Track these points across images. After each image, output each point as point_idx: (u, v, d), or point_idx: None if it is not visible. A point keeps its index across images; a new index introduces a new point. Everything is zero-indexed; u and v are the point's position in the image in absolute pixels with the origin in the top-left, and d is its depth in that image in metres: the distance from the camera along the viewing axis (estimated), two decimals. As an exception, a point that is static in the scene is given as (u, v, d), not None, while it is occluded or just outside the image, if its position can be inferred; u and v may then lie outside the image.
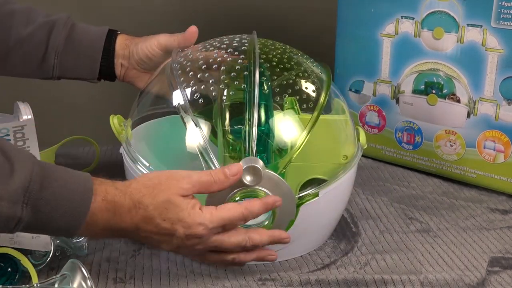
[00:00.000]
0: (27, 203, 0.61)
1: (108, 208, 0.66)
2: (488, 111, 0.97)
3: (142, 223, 0.66)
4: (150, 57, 0.94)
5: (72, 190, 0.64)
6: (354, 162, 0.82)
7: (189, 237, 0.67)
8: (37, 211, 0.62)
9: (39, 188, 0.61)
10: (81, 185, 0.65)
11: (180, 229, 0.67)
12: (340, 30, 1.09)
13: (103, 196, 0.66)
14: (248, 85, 0.75)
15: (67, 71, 0.95)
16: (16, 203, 0.60)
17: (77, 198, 0.64)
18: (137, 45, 0.94)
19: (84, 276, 0.67)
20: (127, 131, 0.83)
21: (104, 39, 0.95)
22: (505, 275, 0.77)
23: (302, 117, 0.79)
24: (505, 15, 0.91)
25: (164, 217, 0.66)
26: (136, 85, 0.98)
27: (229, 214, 0.68)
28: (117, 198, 0.66)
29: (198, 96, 0.77)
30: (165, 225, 0.66)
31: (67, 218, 0.63)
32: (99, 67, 0.95)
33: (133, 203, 0.66)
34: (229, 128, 0.76)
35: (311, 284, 0.75)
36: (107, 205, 0.66)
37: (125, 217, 0.66)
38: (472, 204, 0.96)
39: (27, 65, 0.94)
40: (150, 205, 0.66)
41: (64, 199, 0.63)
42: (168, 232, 0.67)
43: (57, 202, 0.63)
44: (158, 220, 0.66)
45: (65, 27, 0.94)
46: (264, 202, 0.69)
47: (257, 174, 0.69)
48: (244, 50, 0.79)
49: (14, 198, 0.60)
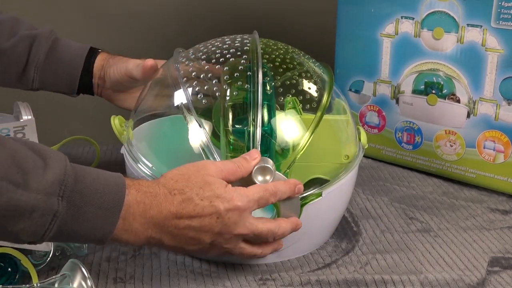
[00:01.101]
0: (63, 196, 0.59)
1: (143, 200, 0.64)
2: (488, 111, 0.97)
3: (180, 208, 0.65)
4: (120, 81, 0.96)
5: (105, 184, 0.62)
6: (356, 161, 0.82)
7: (230, 211, 0.66)
8: (73, 205, 0.60)
9: (73, 181, 0.60)
10: (113, 179, 0.64)
11: (220, 205, 0.66)
12: (340, 30, 1.09)
13: (136, 188, 0.64)
14: (252, 85, 0.75)
15: (46, 84, 0.96)
16: (52, 195, 0.59)
17: (111, 190, 0.62)
18: (110, 67, 0.96)
19: (84, 276, 0.67)
20: (128, 131, 0.83)
21: (85, 57, 0.96)
22: (505, 275, 0.77)
23: (304, 117, 0.79)
24: (505, 15, 0.91)
25: (202, 197, 0.66)
26: (113, 103, 1.00)
27: (259, 189, 0.69)
28: (151, 189, 0.65)
29: (201, 96, 0.77)
30: (204, 203, 0.65)
31: (102, 212, 0.62)
32: (78, 84, 0.96)
33: (168, 190, 0.66)
34: (231, 128, 0.76)
35: (311, 284, 0.75)
36: (142, 196, 0.64)
37: (162, 206, 0.65)
38: (472, 204, 0.96)
39: (7, 77, 0.95)
40: (185, 187, 0.66)
41: (98, 192, 0.62)
42: (209, 211, 0.66)
43: (91, 196, 0.61)
44: (196, 200, 0.65)
45: (47, 41, 0.95)
46: (289, 183, 0.71)
47: (268, 173, 0.70)
48: (246, 50, 0.79)
49: (50, 190, 0.59)
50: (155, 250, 0.81)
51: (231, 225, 0.67)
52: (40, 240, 0.61)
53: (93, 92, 0.99)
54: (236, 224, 0.67)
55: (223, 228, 0.67)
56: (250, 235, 0.69)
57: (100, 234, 0.63)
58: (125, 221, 0.63)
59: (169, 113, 0.82)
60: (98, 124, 0.98)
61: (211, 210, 0.66)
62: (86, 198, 0.61)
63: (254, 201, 0.68)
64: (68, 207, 0.60)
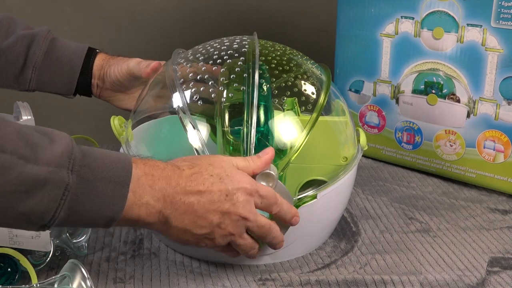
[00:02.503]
0: (72, 170, 0.58)
1: (151, 172, 0.63)
2: (488, 111, 0.97)
3: (189, 181, 0.64)
4: (121, 81, 0.96)
5: (112, 159, 0.62)
6: (354, 163, 0.82)
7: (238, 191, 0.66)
8: (82, 179, 0.58)
9: (81, 155, 0.59)
10: (119, 155, 0.63)
11: (229, 183, 0.66)
12: (340, 30, 1.09)
13: (144, 162, 0.64)
14: (247, 86, 0.75)
15: (44, 85, 0.96)
16: (62, 167, 0.57)
17: (118, 165, 0.61)
18: (110, 67, 0.96)
19: (84, 276, 0.67)
20: (127, 131, 0.84)
21: (84, 57, 0.96)
22: (505, 275, 0.77)
23: (302, 118, 0.79)
24: (505, 15, 0.91)
25: (211, 173, 0.66)
26: (112, 103, 1.00)
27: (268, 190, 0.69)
28: (159, 163, 0.65)
29: (198, 97, 0.77)
30: (214, 179, 0.65)
31: (112, 186, 0.60)
32: (76, 84, 0.96)
33: (177, 166, 0.65)
34: (228, 129, 0.76)
35: (311, 284, 0.75)
36: (150, 169, 0.63)
37: (171, 178, 0.64)
38: (472, 204, 0.96)
39: (3, 77, 0.95)
40: (194, 163, 0.66)
41: (107, 166, 0.60)
42: (218, 188, 0.65)
43: (100, 170, 0.60)
44: (206, 175, 0.65)
45: (45, 41, 0.95)
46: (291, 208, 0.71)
47: (271, 181, 0.70)
48: (244, 52, 0.79)
49: (60, 162, 0.57)
50: (155, 250, 0.82)
51: (239, 206, 0.66)
52: (51, 222, 0.59)
53: (90, 93, 0.99)
54: (243, 206, 0.67)
55: (231, 208, 0.66)
56: (253, 224, 0.69)
57: (111, 211, 0.61)
58: (135, 193, 0.62)
59: (168, 114, 0.82)
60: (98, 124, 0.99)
61: (220, 187, 0.65)
62: (95, 172, 0.59)
63: (259, 194, 0.68)
64: (78, 181, 0.58)
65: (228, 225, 0.67)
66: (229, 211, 0.66)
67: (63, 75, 0.95)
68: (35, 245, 0.74)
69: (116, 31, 1.43)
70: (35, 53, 0.94)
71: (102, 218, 0.61)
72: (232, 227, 0.67)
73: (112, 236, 0.85)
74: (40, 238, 0.75)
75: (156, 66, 0.92)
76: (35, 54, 0.94)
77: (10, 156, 0.55)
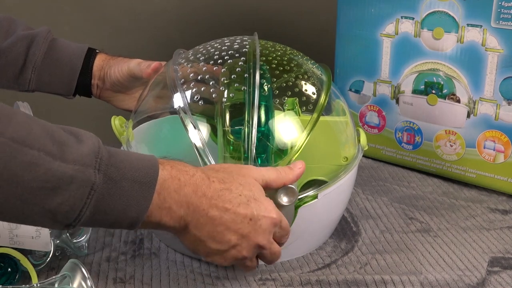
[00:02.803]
0: (99, 169, 0.57)
1: (178, 176, 0.62)
2: (488, 111, 0.97)
3: (216, 195, 0.63)
4: (121, 81, 0.96)
5: (139, 159, 0.61)
6: (354, 163, 0.82)
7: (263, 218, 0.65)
8: (109, 179, 0.58)
9: (108, 155, 0.59)
10: (146, 156, 0.62)
11: (256, 208, 0.65)
12: (340, 30, 1.09)
13: (171, 165, 0.63)
14: (248, 86, 0.75)
15: (43, 85, 0.96)
16: (89, 166, 0.57)
17: (145, 165, 0.60)
18: (110, 68, 0.96)
19: (84, 276, 0.67)
20: (128, 132, 0.84)
21: (83, 57, 0.96)
22: (505, 275, 0.77)
23: (302, 118, 0.79)
24: (505, 15, 0.91)
25: (240, 193, 0.65)
26: (112, 104, 0.99)
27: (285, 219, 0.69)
28: (188, 168, 0.63)
29: (198, 97, 0.77)
30: (242, 200, 0.64)
31: (138, 186, 0.59)
32: (75, 85, 0.96)
33: (206, 175, 0.64)
34: (229, 128, 0.76)
35: (311, 284, 0.75)
36: (177, 173, 0.62)
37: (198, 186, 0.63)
38: (472, 204, 0.96)
39: (3, 77, 0.95)
40: (225, 179, 0.65)
41: (133, 167, 0.60)
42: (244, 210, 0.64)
43: (126, 170, 0.59)
44: (235, 193, 0.64)
45: (45, 41, 0.95)
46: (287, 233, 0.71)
47: (293, 195, 0.70)
48: (245, 52, 0.79)
49: (87, 161, 0.57)
50: (155, 250, 0.82)
51: (260, 233, 0.66)
52: (76, 221, 0.58)
53: (90, 93, 0.99)
54: (264, 234, 0.66)
55: (251, 233, 0.65)
56: (267, 252, 0.68)
57: (136, 211, 0.60)
58: (160, 196, 0.61)
59: (169, 114, 0.82)
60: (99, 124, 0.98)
61: (246, 210, 0.64)
62: (122, 172, 0.59)
63: (280, 225, 0.68)
64: (105, 180, 0.58)
65: (243, 249, 0.66)
66: (249, 236, 0.65)
67: (62, 75, 0.95)
68: (35, 245, 0.74)
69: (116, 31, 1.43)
70: (34, 54, 0.94)
71: (127, 218, 0.60)
72: (247, 251, 0.67)
73: (112, 236, 0.85)
74: (40, 238, 0.75)
75: (156, 67, 0.92)
76: (35, 54, 0.94)
77: (38, 153, 0.55)
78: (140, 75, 0.93)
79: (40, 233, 0.75)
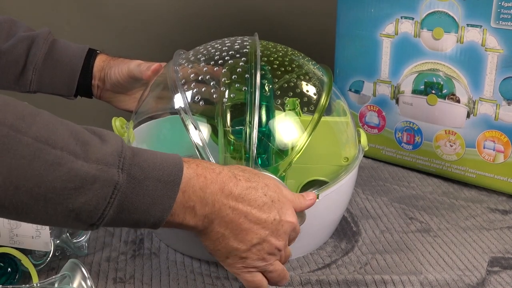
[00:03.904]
0: (122, 168, 0.57)
1: (204, 174, 0.62)
2: (488, 111, 0.97)
3: (244, 193, 0.63)
4: (121, 82, 0.96)
5: (163, 158, 0.61)
6: (355, 164, 0.82)
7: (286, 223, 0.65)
8: (132, 178, 0.58)
9: (131, 155, 0.59)
10: (170, 155, 0.62)
11: (279, 210, 0.65)
12: (340, 31, 1.09)
13: (197, 163, 0.63)
14: (249, 86, 0.75)
15: (44, 86, 0.96)
16: (112, 166, 0.56)
17: (169, 164, 0.60)
18: (110, 68, 0.96)
19: (84, 276, 0.67)
20: (129, 133, 0.84)
21: (84, 58, 0.96)
22: (505, 275, 0.77)
23: (303, 118, 0.79)
24: (505, 15, 0.91)
25: (266, 193, 0.65)
26: (112, 104, 0.99)
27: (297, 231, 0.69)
28: (214, 166, 0.63)
29: (199, 98, 0.77)
30: (267, 200, 0.64)
31: (162, 185, 0.59)
32: (76, 86, 0.96)
33: (233, 174, 0.64)
34: (230, 129, 0.76)
35: (311, 284, 0.75)
36: (203, 170, 0.62)
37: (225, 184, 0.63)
38: (472, 204, 0.96)
39: (4, 78, 0.95)
40: (252, 178, 0.65)
41: (157, 166, 0.59)
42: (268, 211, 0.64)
43: (150, 169, 0.59)
44: (260, 193, 0.64)
45: (45, 43, 0.95)
46: None
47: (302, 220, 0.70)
48: (246, 53, 0.79)
49: (110, 161, 0.56)
50: (155, 250, 0.82)
51: (281, 235, 0.66)
52: (100, 220, 0.58)
53: (91, 94, 0.99)
54: (284, 236, 0.66)
55: (273, 234, 0.65)
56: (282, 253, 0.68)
57: (160, 210, 0.60)
58: (185, 194, 0.61)
59: (169, 115, 0.82)
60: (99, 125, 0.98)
61: (270, 210, 0.64)
62: (146, 171, 0.59)
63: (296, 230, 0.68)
64: (128, 180, 0.57)
65: (263, 249, 0.66)
66: (269, 238, 0.65)
67: (63, 76, 0.96)
68: (35, 245, 0.75)
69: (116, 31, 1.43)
70: (35, 54, 0.94)
71: (150, 217, 0.60)
72: (266, 253, 0.66)
73: (113, 236, 0.85)
74: (41, 238, 0.75)
75: (156, 69, 0.92)
76: (36, 55, 0.94)
77: (61, 152, 0.55)
78: (140, 76, 0.94)
79: (40, 233, 0.75)
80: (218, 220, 0.63)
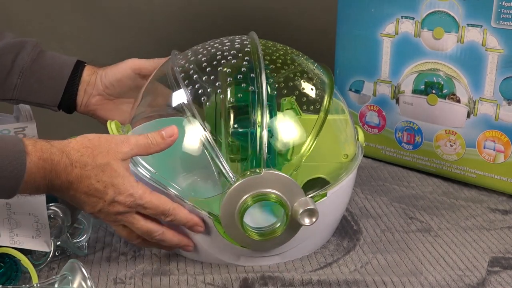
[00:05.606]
0: None
1: (44, 166, 0.67)
2: (488, 111, 0.97)
3: (76, 181, 0.69)
4: (121, 79, 0.92)
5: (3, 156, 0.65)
6: (357, 161, 0.82)
7: (114, 203, 0.70)
8: None
9: None
10: (12, 150, 0.66)
11: (110, 193, 0.70)
12: (340, 30, 1.09)
13: (39, 155, 0.67)
14: (256, 87, 0.75)
15: (28, 94, 0.92)
16: None
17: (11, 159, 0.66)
18: (105, 70, 0.93)
19: (84, 276, 0.67)
20: None
21: (72, 68, 0.93)
22: (505, 275, 0.77)
23: (303, 117, 0.79)
24: (505, 15, 0.91)
25: (99, 179, 0.69)
26: (96, 115, 0.96)
27: (157, 202, 0.72)
28: (54, 156, 0.68)
29: (201, 98, 0.77)
30: (98, 186, 0.69)
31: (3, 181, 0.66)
32: (62, 94, 0.93)
33: (70, 161, 0.69)
34: (231, 130, 0.76)
35: (312, 283, 0.75)
36: (44, 163, 0.67)
37: (60, 174, 0.68)
38: (472, 204, 0.96)
39: None
40: (88, 165, 0.69)
41: None
42: (98, 194, 0.70)
43: None
44: (93, 180, 0.69)
45: (34, 49, 0.92)
46: (190, 218, 0.74)
47: (315, 215, 0.71)
48: (247, 52, 0.79)
49: None
50: (155, 251, 0.81)
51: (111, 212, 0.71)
52: None
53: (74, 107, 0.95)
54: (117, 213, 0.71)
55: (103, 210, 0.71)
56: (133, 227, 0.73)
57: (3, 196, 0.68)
58: (27, 184, 0.67)
59: (167, 115, 0.82)
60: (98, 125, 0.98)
61: (100, 194, 0.70)
62: None
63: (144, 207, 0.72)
64: None
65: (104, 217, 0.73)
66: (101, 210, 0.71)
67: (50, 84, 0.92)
68: (35, 245, 0.74)
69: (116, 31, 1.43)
70: (23, 59, 0.91)
71: None
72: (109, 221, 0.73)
73: (113, 236, 0.85)
74: (40, 238, 0.75)
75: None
76: (23, 59, 0.91)
77: None
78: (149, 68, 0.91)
79: (40, 232, 0.75)
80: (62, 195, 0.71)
